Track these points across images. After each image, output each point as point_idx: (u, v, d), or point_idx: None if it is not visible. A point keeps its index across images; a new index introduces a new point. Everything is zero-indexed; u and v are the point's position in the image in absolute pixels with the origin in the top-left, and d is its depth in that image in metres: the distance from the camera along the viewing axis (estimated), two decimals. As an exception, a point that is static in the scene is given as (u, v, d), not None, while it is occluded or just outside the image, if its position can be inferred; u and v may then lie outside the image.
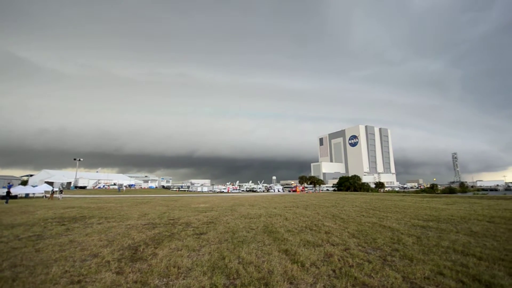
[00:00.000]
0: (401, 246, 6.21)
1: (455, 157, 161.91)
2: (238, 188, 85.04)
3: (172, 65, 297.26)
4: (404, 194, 48.73)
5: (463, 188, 77.64)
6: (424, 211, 13.95)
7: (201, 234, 7.96)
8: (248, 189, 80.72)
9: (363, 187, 70.89)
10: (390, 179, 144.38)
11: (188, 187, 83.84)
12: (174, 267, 4.83)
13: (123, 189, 55.04)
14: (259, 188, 79.66)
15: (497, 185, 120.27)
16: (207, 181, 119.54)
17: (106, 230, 8.68)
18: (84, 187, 64.77)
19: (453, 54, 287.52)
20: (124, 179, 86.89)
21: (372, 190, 71.72)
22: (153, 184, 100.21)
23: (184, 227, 9.24)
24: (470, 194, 48.19)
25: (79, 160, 65.96)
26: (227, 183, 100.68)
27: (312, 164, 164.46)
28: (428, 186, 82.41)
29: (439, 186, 77.62)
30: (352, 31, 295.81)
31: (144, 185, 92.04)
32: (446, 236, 7.29)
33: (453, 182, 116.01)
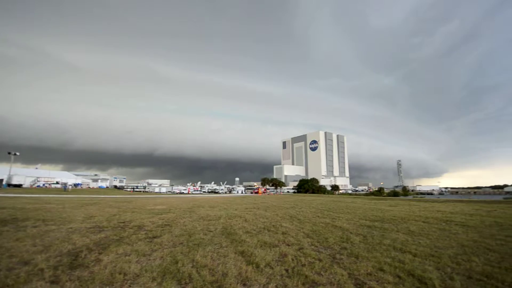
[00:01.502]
0: (349, 245, 6.67)
1: (400, 164, 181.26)
2: (199, 189, 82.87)
3: (134, 56, 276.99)
4: (355, 196, 52.82)
5: (405, 191, 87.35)
6: (371, 212, 15.25)
7: (154, 237, 7.52)
8: (210, 190, 79.23)
9: (321, 190, 74.99)
10: (344, 182, 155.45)
11: (145, 187, 78.95)
12: (119, 273, 4.46)
13: (69, 188, 49.21)
14: (222, 189, 78.83)
15: (433, 189, 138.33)
16: (166, 181, 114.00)
17: (42, 234, 7.65)
18: (19, 185, 56.23)
19: (402, 72, 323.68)
20: (69, 177, 78.05)
21: (328, 192, 76.30)
22: (104, 184, 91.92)
23: (136, 230, 8.63)
24: (410, 197, 54.32)
25: (15, 154, 57.42)
26: (188, 184, 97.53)
27: (274, 167, 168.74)
28: (376, 189, 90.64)
29: (385, 189, 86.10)
30: (316, 41, 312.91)
31: (93, 185, 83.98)
32: (388, 235, 8.05)
33: (397, 186, 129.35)
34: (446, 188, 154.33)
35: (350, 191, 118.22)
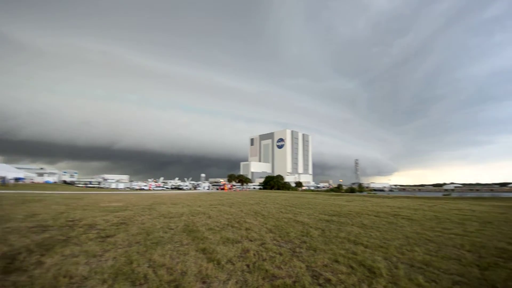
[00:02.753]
0: (309, 238, 6.96)
1: (357, 163, 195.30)
2: (162, 185, 79.35)
3: (96, 40, 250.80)
4: (317, 192, 55.62)
5: (361, 188, 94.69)
6: (330, 207, 16.15)
7: (108, 237, 6.97)
8: (173, 187, 76.43)
9: (285, 186, 77.34)
10: (307, 179, 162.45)
11: (99, 183, 72.96)
12: (64, 277, 4.03)
13: (9, 183, 42.93)
14: (186, 185, 76.57)
15: (384, 186, 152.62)
16: (124, 177, 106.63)
17: (-33, 237, 6.59)
18: None
19: (363, 78, 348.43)
20: (9, 170, 68.54)
21: (292, 188, 79.03)
22: (51, 179, 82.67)
23: (86, 229, 7.90)
24: (365, 193, 58.92)
25: None
26: (149, 180, 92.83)
27: (241, 163, 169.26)
28: (336, 186, 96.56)
29: (343, 186, 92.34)
30: (287, 42, 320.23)
31: (39, 179, 75.11)
32: (344, 228, 8.58)
33: (354, 183, 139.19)
34: (395, 185, 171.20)
35: (312, 188, 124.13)
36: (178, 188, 72.74)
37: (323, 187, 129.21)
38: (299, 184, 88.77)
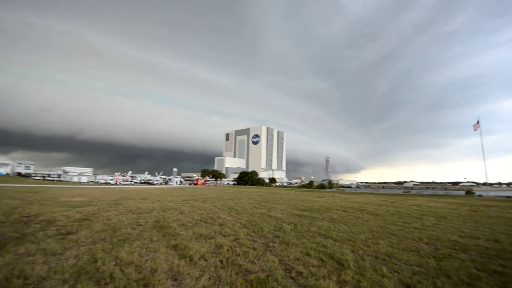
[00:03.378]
0: (282, 233, 7.09)
1: (328, 160, 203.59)
2: (130, 179, 75.59)
3: (58, 19, 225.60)
4: (290, 188, 56.99)
5: (330, 185, 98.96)
6: (302, 203, 16.65)
7: (69, 234, 6.47)
8: (143, 181, 73.21)
9: (259, 182, 78.08)
10: (281, 175, 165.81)
11: (59, 176, 67.40)
12: (18, 277, 3.66)
13: None
14: (156, 180, 73.73)
15: (352, 183, 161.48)
16: (88, 170, 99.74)
17: None
18: None
19: (336, 80, 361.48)
20: (-50, 162, 60.60)
21: (266, 184, 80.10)
22: (3, 170, 74.68)
23: (44, 226, 7.25)
24: (334, 189, 61.66)
25: None
26: (116, 173, 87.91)
27: (216, 158, 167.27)
28: (307, 182, 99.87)
29: (315, 182, 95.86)
30: (266, 39, 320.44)
31: (-13, 172, 67.46)
32: (315, 223, 8.88)
33: (324, 180, 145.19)
34: (362, 182, 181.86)
35: (285, 184, 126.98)
36: (148, 182, 69.75)
37: (296, 183, 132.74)
38: (272, 180, 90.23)
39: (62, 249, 5.15)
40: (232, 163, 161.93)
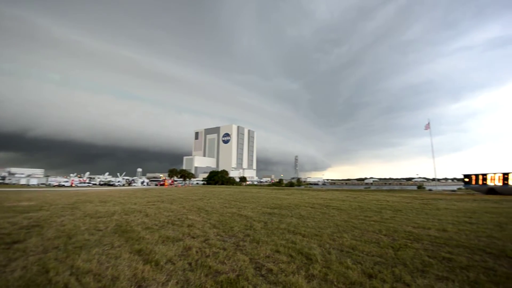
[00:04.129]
0: (252, 231, 7.09)
1: (296, 159, 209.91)
2: (87, 181, 69.74)
3: (7, 2, 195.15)
4: (260, 187, 57.62)
5: (299, 182, 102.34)
6: (272, 201, 16.91)
7: (15, 243, 5.73)
8: (102, 183, 68.04)
9: (230, 181, 77.65)
10: (251, 174, 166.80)
11: (4, 178, 59.66)
12: None
13: None
14: (118, 181, 69.06)
15: (318, 181, 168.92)
16: (38, 171, 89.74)
17: None
18: None
19: (305, 81, 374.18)
20: None
21: (237, 183, 79.92)
22: None
23: (-19, 236, 6.32)
24: (302, 187, 63.84)
25: None
26: (72, 175, 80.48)
27: (185, 158, 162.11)
28: (277, 180, 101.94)
29: (284, 180, 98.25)
30: (239, 38, 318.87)
31: None
32: (284, 220, 9.06)
33: (293, 178, 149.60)
34: (328, 179, 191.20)
35: (256, 182, 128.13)
36: (108, 184, 64.90)
37: (266, 182, 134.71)
38: (243, 179, 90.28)
39: (7, 260, 4.53)
40: (201, 163, 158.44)
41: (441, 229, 7.49)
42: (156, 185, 62.36)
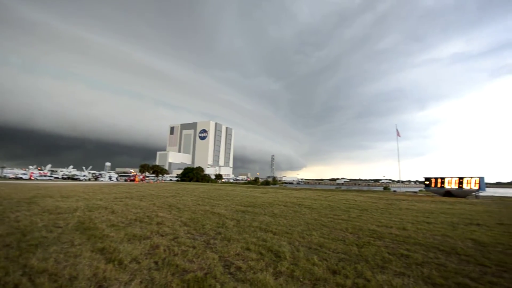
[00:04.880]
0: (224, 229, 7.05)
1: (273, 158, 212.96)
2: (48, 174, 64.56)
3: None
4: (236, 184, 57.49)
5: (275, 181, 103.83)
6: (247, 199, 16.97)
7: (-47, 241, 5.13)
8: (66, 176, 63.40)
9: (205, 178, 76.39)
10: (227, 172, 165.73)
11: None
12: None
13: None
14: (84, 175, 64.72)
15: (293, 180, 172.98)
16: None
17: None
18: None
19: (286, 82, 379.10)
20: None
21: (212, 181, 78.92)
22: None
23: None
24: (278, 186, 64.87)
25: None
26: (31, 167, 73.99)
27: (158, 153, 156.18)
28: (253, 179, 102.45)
29: (260, 179, 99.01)
30: (220, 34, 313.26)
31: None
32: (257, 218, 9.13)
33: (269, 177, 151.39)
34: (302, 179, 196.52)
35: (232, 180, 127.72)
36: (72, 178, 60.50)
37: (242, 180, 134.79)
38: (219, 176, 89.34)
39: None
40: (176, 158, 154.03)
41: (402, 228, 8.05)
42: (126, 180, 59.40)
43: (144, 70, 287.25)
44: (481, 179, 22.95)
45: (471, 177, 23.55)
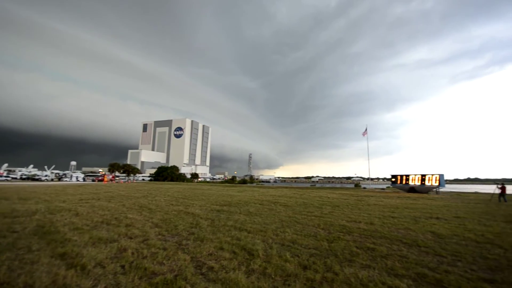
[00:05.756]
0: (198, 229, 6.92)
1: (250, 157, 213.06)
2: (5, 174, 58.79)
3: None
4: (212, 184, 56.79)
5: (252, 180, 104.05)
6: (223, 198, 16.83)
7: None
8: (25, 177, 58.19)
9: (180, 177, 74.44)
10: (204, 171, 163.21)
11: None
12: None
13: None
14: (46, 175, 59.87)
15: (270, 178, 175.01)
16: None
17: None
18: None
19: (263, 81, 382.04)
20: None
21: (188, 180, 77.15)
22: None
23: None
24: (255, 184, 65.16)
25: None
26: (-17, 167, 66.85)
27: (130, 151, 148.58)
28: (230, 177, 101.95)
29: (237, 178, 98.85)
30: (198, 32, 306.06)
31: None
32: (232, 217, 9.09)
33: (246, 175, 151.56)
34: (279, 177, 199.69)
35: (208, 179, 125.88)
36: (33, 178, 55.68)
37: (219, 179, 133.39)
38: (195, 175, 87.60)
39: None
40: (149, 157, 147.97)
41: (369, 223, 8.50)
42: (93, 180, 55.79)
43: (113, 62, 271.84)
44: (441, 176, 24.96)
45: (432, 174, 25.51)
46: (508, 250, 5.50)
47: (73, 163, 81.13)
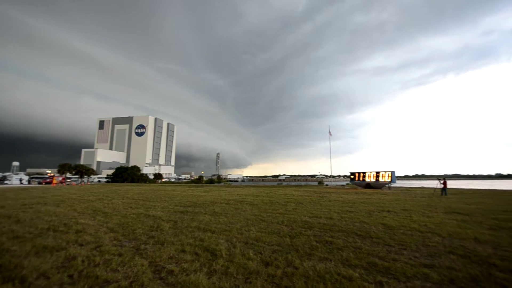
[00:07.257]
0: (158, 233, 6.61)
1: (218, 156, 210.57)
2: None
3: None
4: (177, 184, 54.72)
5: (219, 179, 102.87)
6: (188, 198, 16.33)
7: None
8: (-48, 181, 49.68)
9: (142, 178, 70.39)
10: (169, 171, 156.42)
11: None
12: None
13: None
14: (-19, 178, 51.92)
15: (238, 177, 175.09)
16: None
17: None
18: None
19: (233, 80, 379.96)
20: None
21: (150, 181, 73.27)
22: None
23: None
24: (222, 184, 64.51)
25: None
26: None
27: (83, 150, 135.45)
28: (197, 177, 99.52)
29: (204, 177, 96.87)
30: (165, 26, 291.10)
31: None
32: (196, 218, 8.87)
33: (214, 175, 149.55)
34: (247, 176, 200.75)
35: (173, 180, 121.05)
36: (-37, 182, 47.91)
37: (185, 179, 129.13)
38: (158, 176, 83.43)
39: None
40: (107, 157, 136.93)
41: (329, 218, 8.99)
42: (40, 183, 49.81)
43: (63, 50, 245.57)
44: (393, 173, 27.44)
45: (385, 172, 27.94)
46: (445, 238, 6.26)
47: (16, 163, 71.46)
